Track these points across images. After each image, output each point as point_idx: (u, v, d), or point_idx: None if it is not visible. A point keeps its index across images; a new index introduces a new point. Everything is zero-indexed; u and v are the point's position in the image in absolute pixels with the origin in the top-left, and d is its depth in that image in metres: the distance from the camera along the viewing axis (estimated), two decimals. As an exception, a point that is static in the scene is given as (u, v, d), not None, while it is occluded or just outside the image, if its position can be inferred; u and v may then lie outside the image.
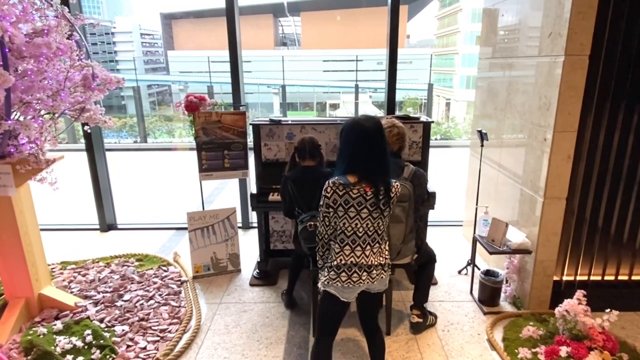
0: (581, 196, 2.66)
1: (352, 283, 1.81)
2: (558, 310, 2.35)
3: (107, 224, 4.28)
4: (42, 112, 2.40)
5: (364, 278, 1.81)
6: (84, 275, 3.23)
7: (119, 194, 6.00)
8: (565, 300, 2.33)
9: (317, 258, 1.95)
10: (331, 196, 1.78)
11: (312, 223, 2.33)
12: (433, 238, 3.76)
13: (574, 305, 2.26)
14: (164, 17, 47.34)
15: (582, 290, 2.35)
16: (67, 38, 2.38)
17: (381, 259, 1.85)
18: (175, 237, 4.13)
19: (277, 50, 41.31)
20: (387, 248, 1.89)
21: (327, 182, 1.79)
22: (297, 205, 2.52)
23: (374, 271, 1.83)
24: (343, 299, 1.85)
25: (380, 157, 1.77)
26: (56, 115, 2.46)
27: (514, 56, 2.98)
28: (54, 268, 3.40)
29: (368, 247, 1.82)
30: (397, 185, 1.84)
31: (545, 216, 2.59)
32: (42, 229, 4.29)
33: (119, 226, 4.38)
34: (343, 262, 1.81)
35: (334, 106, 32.49)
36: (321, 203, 1.82)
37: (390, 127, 2.39)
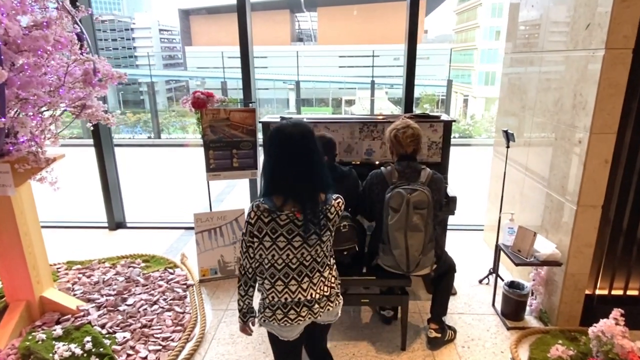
0: (618, 204, 2.42)
1: (289, 322, 1.52)
2: (592, 330, 2.13)
3: (116, 222, 4.20)
4: (43, 108, 2.29)
5: (303, 314, 1.53)
6: (88, 277, 3.14)
7: (131, 191, 5.95)
8: (601, 320, 2.11)
9: (238, 296, 1.62)
10: (255, 223, 1.46)
11: (347, 224, 2.18)
12: (451, 243, 3.55)
13: (610, 326, 2.05)
14: (182, 12, 47.66)
15: (620, 309, 2.13)
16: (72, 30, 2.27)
17: (325, 289, 1.56)
18: (184, 237, 4.02)
19: (294, 45, 41.16)
20: (332, 274, 1.61)
21: (250, 206, 1.48)
22: None
23: (316, 305, 1.54)
24: (283, 338, 1.57)
25: (308, 171, 1.46)
26: (56, 112, 2.35)
27: (544, 50, 2.75)
28: (59, 268, 3.32)
29: (305, 278, 1.52)
30: (338, 203, 1.53)
31: (578, 225, 2.37)
32: (50, 226, 4.27)
33: (128, 225, 4.30)
34: (276, 299, 1.52)
35: (350, 102, 32.20)
36: (244, 231, 1.51)
37: (404, 128, 2.20)
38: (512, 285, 2.68)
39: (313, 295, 1.54)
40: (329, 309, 1.58)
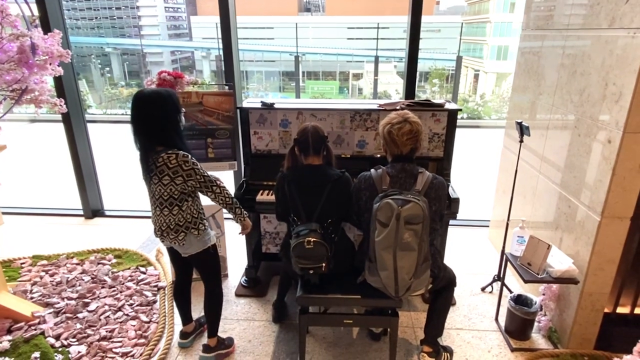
0: (650, 214, 2.06)
1: (155, 234, 2.05)
2: (612, 366, 1.82)
3: (92, 210, 3.91)
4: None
5: (158, 234, 2.01)
6: (52, 275, 2.87)
7: (116, 174, 5.64)
8: (625, 357, 1.80)
9: None
10: None
11: (312, 239, 1.84)
12: (452, 241, 3.22)
13: (636, 365, 1.73)
14: (186, -20, 46.11)
15: (647, 342, 1.81)
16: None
17: (164, 224, 1.95)
18: (164, 227, 3.72)
19: (300, 16, 39.83)
20: (172, 215, 1.93)
21: None
22: (294, 213, 2.03)
23: (159, 232, 1.99)
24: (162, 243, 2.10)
25: (144, 125, 1.84)
26: (-8, 96, 2.01)
27: (570, 28, 2.33)
28: (23, 263, 3.05)
29: (158, 208, 1.95)
30: (168, 156, 1.82)
31: (601, 239, 2.02)
32: (23, 213, 3.99)
33: (107, 212, 4.01)
34: None
35: (357, 76, 31.27)
36: None
37: (400, 123, 1.82)
38: (519, 300, 2.36)
39: (159, 224, 1.97)
40: (171, 241, 1.98)
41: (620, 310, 2.29)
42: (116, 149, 7.10)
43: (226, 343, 2.26)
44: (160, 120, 1.84)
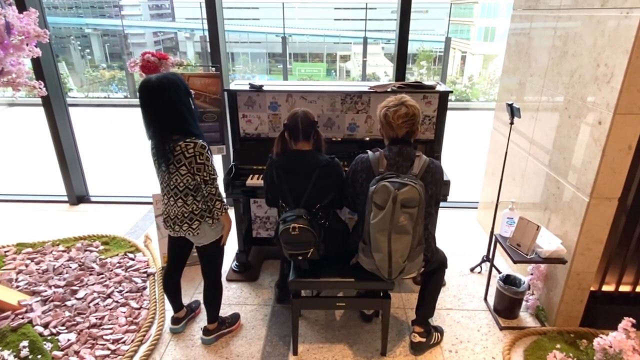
0: (636, 196, 2.09)
1: (165, 225, 1.99)
2: (598, 342, 1.87)
3: (77, 196, 3.83)
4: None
5: (168, 224, 1.96)
6: (37, 263, 2.81)
7: (101, 159, 5.52)
8: (610, 333, 1.84)
9: None
10: None
11: (297, 226, 1.83)
12: (441, 223, 3.23)
13: (621, 341, 1.78)
14: (167, -43, 44.54)
15: (631, 319, 1.86)
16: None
17: (179, 213, 1.90)
18: (153, 213, 3.67)
19: (286, -5, 38.91)
20: (185, 206, 1.88)
21: None
22: (282, 199, 2.01)
23: (171, 222, 1.93)
24: (168, 231, 2.02)
25: (157, 114, 1.76)
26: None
27: (563, 7, 2.31)
28: (7, 251, 2.99)
29: (172, 199, 1.89)
30: (186, 145, 1.75)
31: (589, 220, 2.05)
32: (5, 200, 3.89)
33: (92, 199, 3.93)
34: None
35: (345, 58, 30.91)
36: None
37: (397, 106, 1.79)
38: (508, 280, 2.40)
39: (174, 213, 1.91)
40: (184, 230, 1.92)
41: (605, 288, 2.34)
42: (100, 134, 6.94)
43: (228, 322, 2.28)
44: (175, 107, 1.75)
